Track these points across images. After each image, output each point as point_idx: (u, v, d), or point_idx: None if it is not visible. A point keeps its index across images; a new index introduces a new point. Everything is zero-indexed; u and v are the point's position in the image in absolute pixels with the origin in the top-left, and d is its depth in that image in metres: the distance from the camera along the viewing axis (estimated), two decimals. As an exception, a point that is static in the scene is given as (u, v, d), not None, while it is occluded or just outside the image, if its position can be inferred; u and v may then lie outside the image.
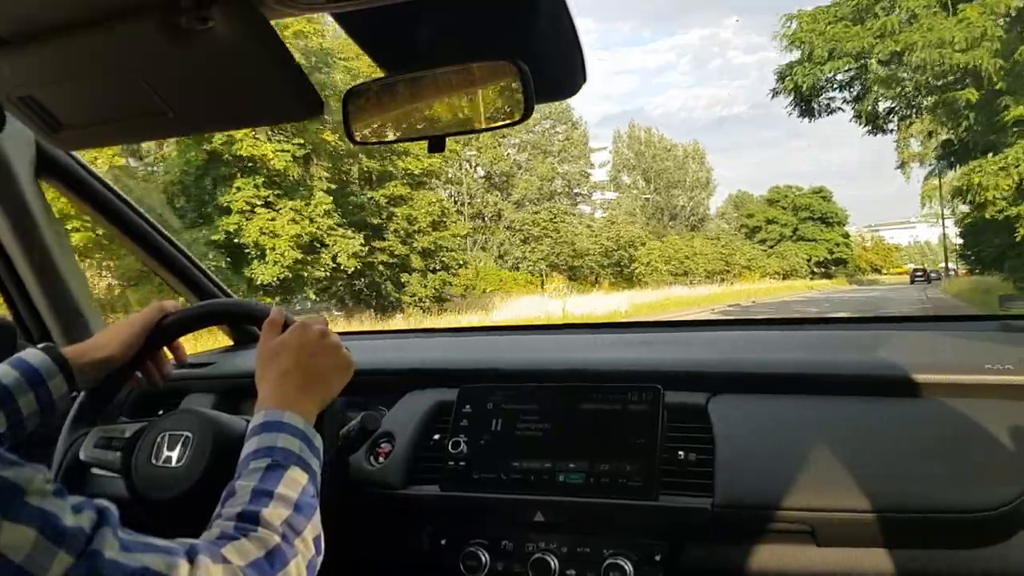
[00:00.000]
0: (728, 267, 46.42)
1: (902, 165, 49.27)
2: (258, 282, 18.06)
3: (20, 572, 0.54)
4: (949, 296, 24.57)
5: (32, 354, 1.00)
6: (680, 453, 1.12)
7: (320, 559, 0.80)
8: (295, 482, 0.80)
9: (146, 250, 1.67)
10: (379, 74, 0.98)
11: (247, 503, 0.76)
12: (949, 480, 1.00)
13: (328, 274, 20.01)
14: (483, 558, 1.12)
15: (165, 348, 1.16)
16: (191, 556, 0.66)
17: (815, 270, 57.43)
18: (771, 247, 54.79)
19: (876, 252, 79.44)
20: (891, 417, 1.09)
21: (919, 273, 55.48)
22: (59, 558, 0.56)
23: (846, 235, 61.68)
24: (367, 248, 20.57)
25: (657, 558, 1.06)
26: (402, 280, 22.32)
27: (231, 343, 1.83)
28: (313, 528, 0.79)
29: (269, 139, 18.18)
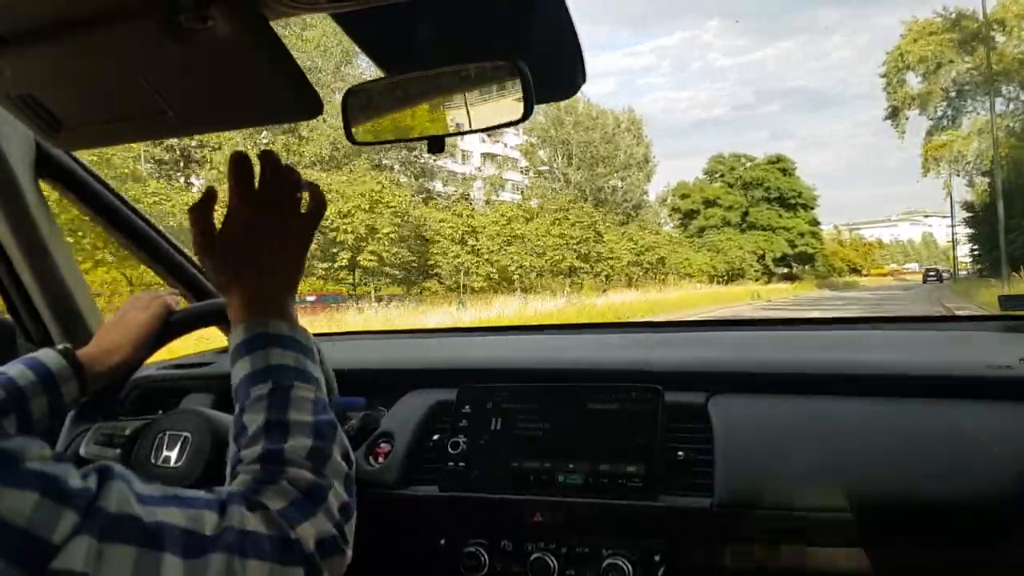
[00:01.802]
0: (588, 264, 30.46)
1: (894, 113, 33.27)
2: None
3: (25, 536, 0.52)
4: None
5: (49, 356, 0.99)
6: (680, 453, 1.12)
7: (353, 471, 0.77)
8: (304, 400, 0.76)
9: (146, 251, 1.67)
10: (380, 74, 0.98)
11: (265, 441, 0.72)
12: (949, 480, 1.00)
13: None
14: (482, 558, 1.12)
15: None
16: (222, 506, 0.63)
17: (773, 269, 44.84)
18: (704, 237, 42.23)
19: (855, 249, 68.93)
20: (891, 417, 1.09)
21: (931, 273, 50.73)
22: (65, 517, 0.54)
23: (815, 222, 47.28)
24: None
25: (657, 558, 1.06)
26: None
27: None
28: (339, 446, 0.76)
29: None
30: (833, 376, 1.19)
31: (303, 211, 0.86)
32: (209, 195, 0.85)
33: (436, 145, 0.98)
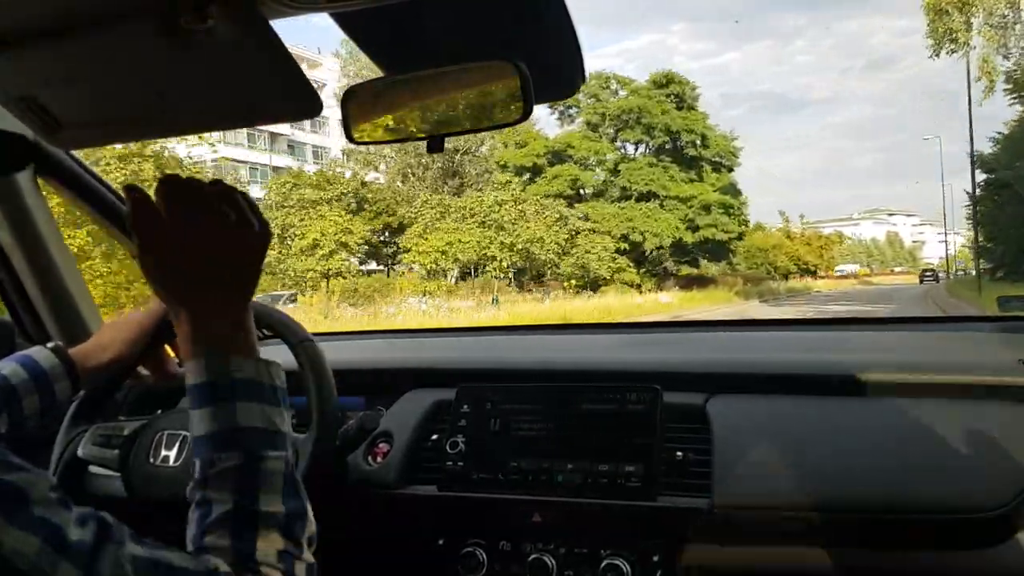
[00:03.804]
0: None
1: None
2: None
3: None
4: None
5: (42, 354, 0.99)
6: (678, 453, 1.12)
7: (313, 547, 0.76)
8: (274, 477, 0.70)
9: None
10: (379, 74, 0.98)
11: (233, 539, 0.67)
12: (948, 481, 1.00)
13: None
14: (481, 558, 1.12)
15: (168, 347, 1.16)
16: None
17: (671, 267, 29.36)
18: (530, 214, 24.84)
19: (807, 243, 53.13)
20: (890, 418, 1.09)
21: (928, 273, 47.10)
22: (63, 569, 0.56)
23: (732, 191, 29.65)
24: None
25: (655, 558, 1.06)
26: None
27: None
28: (307, 532, 0.73)
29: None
30: (832, 377, 1.19)
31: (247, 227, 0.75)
32: (142, 195, 0.73)
33: (436, 145, 0.98)
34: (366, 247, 25.20)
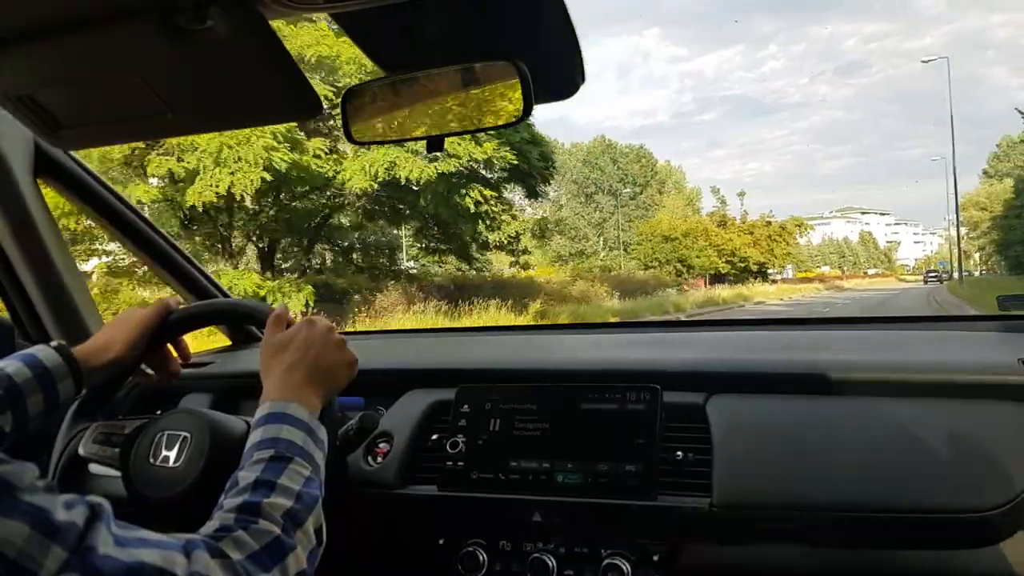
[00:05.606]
0: None
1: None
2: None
3: (14, 567, 0.54)
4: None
5: (45, 353, 0.99)
6: (678, 453, 1.12)
7: (321, 549, 0.80)
8: (298, 473, 0.81)
9: (145, 250, 1.67)
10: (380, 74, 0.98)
11: (248, 494, 0.76)
12: (948, 480, 1.00)
13: None
14: (481, 558, 1.12)
15: (170, 345, 1.17)
16: (187, 551, 0.65)
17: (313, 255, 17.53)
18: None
19: (748, 233, 37.92)
20: (890, 417, 1.09)
21: (932, 273, 45.89)
22: (53, 553, 0.55)
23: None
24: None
25: (655, 558, 1.06)
26: None
27: (229, 343, 1.83)
28: (315, 518, 0.79)
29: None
30: (832, 376, 1.18)
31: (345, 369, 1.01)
32: (286, 312, 1.05)
33: (436, 145, 0.98)
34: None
